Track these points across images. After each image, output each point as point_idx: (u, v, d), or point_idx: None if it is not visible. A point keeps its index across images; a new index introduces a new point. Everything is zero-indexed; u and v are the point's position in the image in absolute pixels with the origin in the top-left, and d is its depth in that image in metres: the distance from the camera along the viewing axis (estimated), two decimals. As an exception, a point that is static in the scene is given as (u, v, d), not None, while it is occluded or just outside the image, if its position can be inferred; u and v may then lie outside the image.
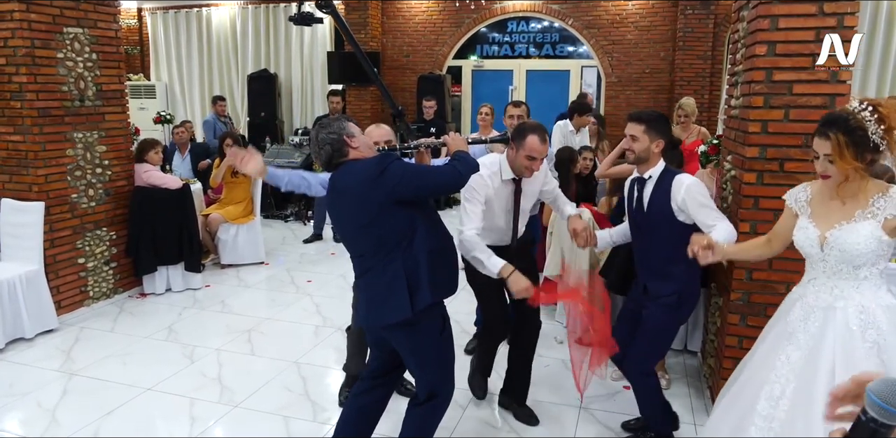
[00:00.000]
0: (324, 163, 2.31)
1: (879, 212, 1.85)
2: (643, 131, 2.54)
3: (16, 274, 3.84)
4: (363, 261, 2.28)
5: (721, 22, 7.74)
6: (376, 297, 2.24)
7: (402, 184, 2.14)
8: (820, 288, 1.94)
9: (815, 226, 1.95)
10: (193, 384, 3.33)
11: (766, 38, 2.65)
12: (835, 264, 1.91)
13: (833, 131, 1.84)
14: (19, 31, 3.93)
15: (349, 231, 2.31)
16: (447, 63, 8.96)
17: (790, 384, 1.87)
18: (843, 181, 1.88)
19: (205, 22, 9.76)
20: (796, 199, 2.06)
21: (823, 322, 1.89)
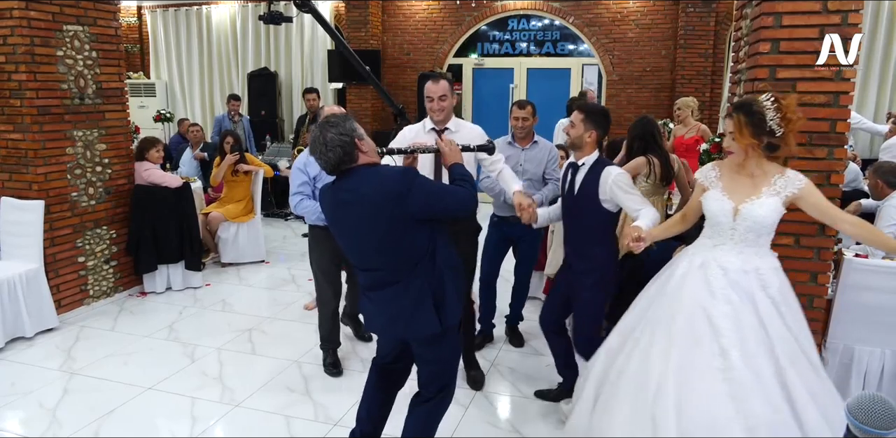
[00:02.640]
0: (330, 167, 2.13)
1: (781, 191, 2.19)
2: (581, 120, 2.77)
3: (16, 272, 3.83)
4: (377, 276, 2.19)
5: (722, 20, 7.72)
6: (402, 312, 2.17)
7: (429, 203, 2.09)
8: (728, 252, 2.24)
9: (729, 199, 2.25)
10: (194, 383, 3.32)
11: (769, 36, 2.63)
12: (743, 232, 2.23)
13: (737, 113, 2.21)
14: (19, 28, 3.91)
15: (361, 245, 2.17)
16: (448, 61, 8.94)
17: (732, 335, 2.11)
18: (743, 157, 2.22)
19: (205, 20, 9.73)
20: (706, 176, 2.37)
21: (738, 284, 2.18)
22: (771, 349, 2.10)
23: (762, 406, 2.03)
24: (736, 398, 2.05)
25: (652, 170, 3.50)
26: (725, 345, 2.11)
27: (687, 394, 2.11)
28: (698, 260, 2.29)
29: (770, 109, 2.17)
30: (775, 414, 2.03)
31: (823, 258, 2.71)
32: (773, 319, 2.13)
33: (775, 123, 2.16)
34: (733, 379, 2.06)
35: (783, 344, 2.11)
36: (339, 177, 2.15)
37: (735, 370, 2.07)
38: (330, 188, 2.20)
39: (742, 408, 2.03)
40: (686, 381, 2.12)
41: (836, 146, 2.63)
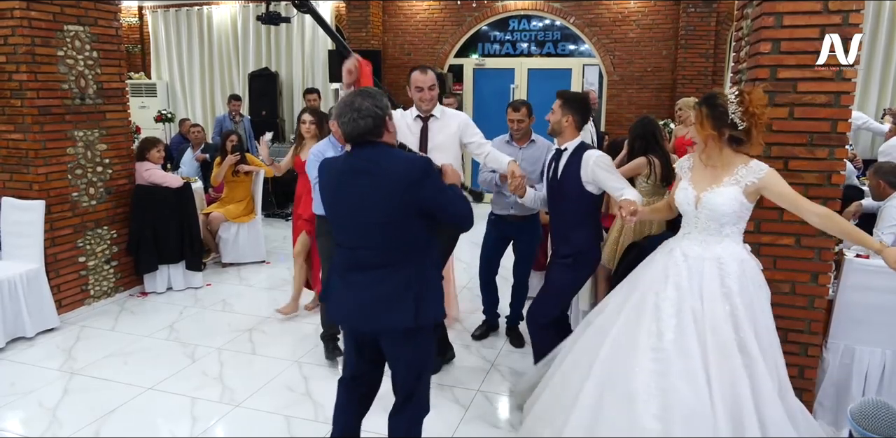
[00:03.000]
0: (355, 135, 2.06)
1: (742, 179, 2.24)
2: (559, 106, 2.90)
3: (16, 272, 3.83)
4: (365, 255, 2.10)
5: (723, 20, 7.71)
6: (381, 299, 2.09)
7: (438, 199, 2.07)
8: (692, 241, 2.33)
9: (693, 188, 2.34)
10: (195, 383, 3.32)
11: (770, 36, 2.63)
12: (705, 221, 2.30)
13: (700, 105, 2.29)
14: (19, 28, 3.92)
15: (362, 217, 2.07)
16: (448, 61, 8.93)
17: (672, 319, 2.20)
18: (704, 147, 2.31)
19: (206, 20, 9.74)
20: (681, 167, 2.47)
21: (694, 270, 2.25)
22: (704, 337, 2.16)
23: (684, 388, 2.09)
24: (661, 376, 2.13)
25: (652, 171, 3.50)
26: (662, 328, 2.20)
27: (615, 368, 2.22)
28: (668, 247, 2.41)
29: (733, 103, 2.22)
30: (696, 399, 2.08)
31: (824, 258, 2.70)
32: (716, 309, 2.18)
33: (737, 116, 2.21)
34: (661, 360, 2.15)
35: (717, 335, 2.15)
36: (358, 147, 2.09)
37: (665, 351, 2.16)
38: (343, 157, 2.14)
39: (664, 387, 2.11)
40: (619, 357, 2.24)
41: (836, 146, 2.62)
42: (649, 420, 2.08)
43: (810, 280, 2.70)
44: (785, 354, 2.74)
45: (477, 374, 3.44)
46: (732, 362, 2.12)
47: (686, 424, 2.06)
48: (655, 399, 2.10)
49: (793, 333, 2.74)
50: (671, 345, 2.16)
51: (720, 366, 2.11)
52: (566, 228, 2.94)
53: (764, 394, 2.11)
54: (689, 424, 2.06)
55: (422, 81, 3.16)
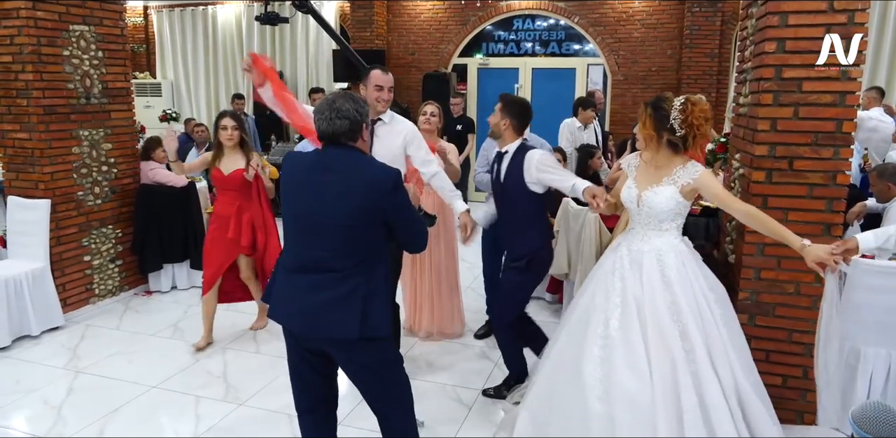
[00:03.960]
0: (327, 133, 2.03)
1: (678, 180, 2.37)
2: (499, 109, 2.93)
3: (22, 271, 3.85)
4: (312, 256, 2.01)
5: (728, 19, 7.69)
6: (325, 306, 1.99)
7: (401, 212, 2.05)
8: (636, 236, 2.47)
9: (636, 187, 2.46)
10: (199, 382, 3.33)
11: (775, 35, 2.62)
12: (646, 218, 2.43)
13: (647, 106, 2.41)
14: (25, 28, 3.94)
15: (320, 216, 1.99)
16: (452, 61, 8.93)
17: (617, 309, 2.35)
18: (645, 146, 2.44)
19: (211, 20, 9.76)
20: (629, 164, 2.57)
21: (636, 262, 2.40)
22: (645, 325, 2.29)
23: (625, 373, 2.23)
24: (606, 362, 2.29)
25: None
26: (608, 316, 2.35)
27: (566, 355, 2.43)
28: (616, 242, 2.57)
29: (676, 109, 2.33)
30: (637, 384, 2.21)
31: (829, 258, 2.69)
32: (657, 298, 2.30)
33: (677, 123, 2.32)
34: (607, 346, 2.31)
35: (658, 323, 2.28)
36: (331, 146, 2.05)
37: (611, 338, 2.31)
38: (312, 154, 2.11)
39: (608, 372, 2.26)
40: (573, 343, 2.43)
41: (842, 146, 2.61)
42: (594, 403, 2.25)
43: (815, 280, 2.69)
44: (789, 355, 2.75)
45: (480, 374, 3.44)
46: (673, 349, 2.24)
47: (628, 407, 2.20)
48: (600, 383, 2.26)
49: (797, 333, 2.73)
50: (616, 333, 2.31)
51: (660, 353, 2.24)
52: (516, 230, 2.97)
53: (704, 380, 2.20)
54: (630, 407, 2.20)
55: (383, 81, 2.94)
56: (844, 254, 2.16)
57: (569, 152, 5.26)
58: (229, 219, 3.66)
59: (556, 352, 2.53)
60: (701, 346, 2.24)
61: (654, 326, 2.27)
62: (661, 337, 2.25)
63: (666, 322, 2.27)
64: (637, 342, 2.26)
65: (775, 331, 2.77)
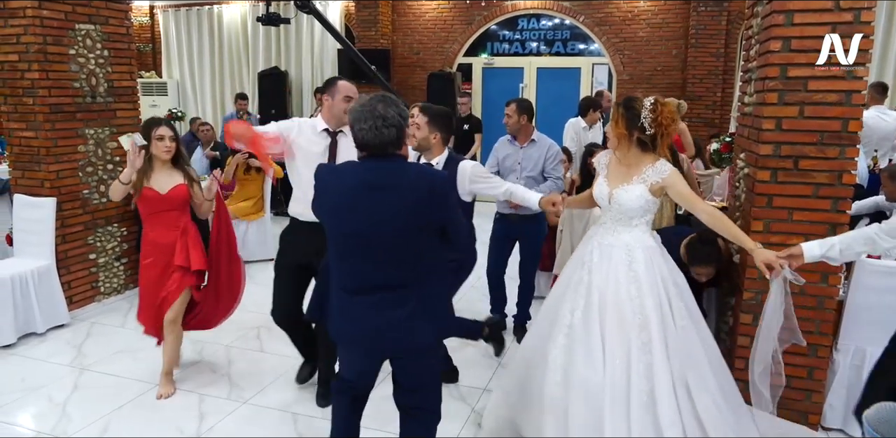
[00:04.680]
0: (373, 144, 1.91)
1: (648, 179, 2.45)
2: (426, 123, 2.84)
3: (28, 269, 3.86)
4: (379, 276, 1.97)
5: (734, 19, 7.67)
6: (402, 320, 1.99)
7: (454, 212, 2.04)
8: (606, 230, 2.56)
9: (608, 185, 2.55)
10: (203, 380, 3.34)
11: (780, 34, 2.61)
12: (616, 214, 2.52)
13: (618, 106, 2.51)
14: (32, 27, 3.95)
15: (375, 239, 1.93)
16: (457, 61, 8.94)
17: (581, 299, 2.46)
18: (617, 145, 2.52)
19: (216, 19, 9.79)
20: (599, 163, 2.68)
21: (605, 255, 2.49)
22: (605, 316, 2.41)
23: (582, 363, 2.37)
24: (568, 350, 2.43)
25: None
26: (573, 307, 2.47)
27: (537, 340, 2.56)
28: (588, 235, 2.67)
29: (647, 109, 2.43)
30: (592, 372, 2.34)
31: (834, 258, 2.68)
32: (620, 291, 2.41)
33: (647, 122, 2.42)
34: (570, 335, 2.44)
35: (619, 314, 2.39)
36: (375, 158, 1.94)
37: (574, 327, 2.44)
38: (352, 168, 1.97)
39: (569, 361, 2.40)
40: (542, 331, 2.56)
41: (847, 145, 2.60)
42: (552, 387, 2.41)
43: (820, 280, 2.68)
44: (794, 355, 2.74)
45: (484, 373, 3.44)
46: (630, 340, 2.35)
47: (582, 395, 2.34)
48: (561, 369, 2.41)
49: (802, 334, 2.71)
50: (578, 322, 2.44)
51: (616, 343, 2.36)
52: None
53: (657, 371, 2.32)
54: (584, 395, 2.34)
55: (353, 91, 2.81)
56: (789, 259, 2.29)
57: (574, 151, 5.25)
58: (172, 245, 3.11)
59: (530, 337, 2.68)
60: (658, 339, 2.34)
61: (614, 317, 2.38)
62: (620, 329, 2.37)
63: (626, 314, 2.37)
64: (595, 333, 2.39)
65: (780, 332, 2.75)
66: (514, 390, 2.67)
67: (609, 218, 2.56)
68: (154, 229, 3.15)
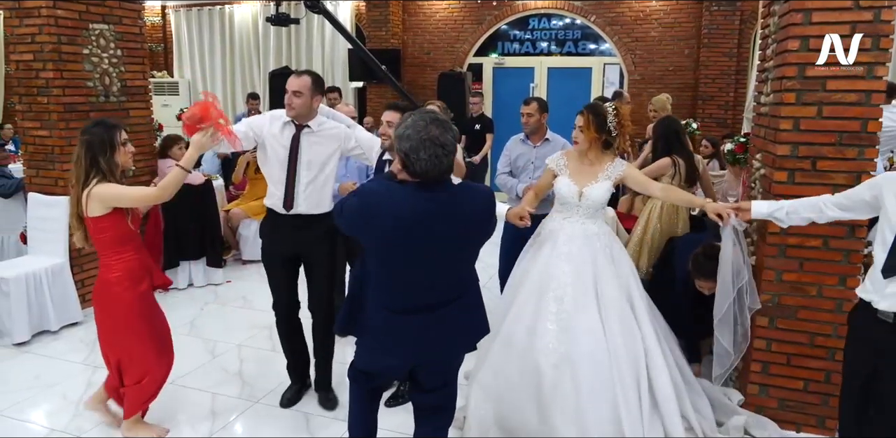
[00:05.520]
0: (434, 174, 1.84)
1: (611, 175, 2.80)
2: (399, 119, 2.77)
3: (42, 267, 3.89)
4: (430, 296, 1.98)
5: (747, 18, 7.60)
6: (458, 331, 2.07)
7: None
8: (574, 224, 2.81)
9: (575, 184, 2.82)
10: (215, 379, 3.34)
11: (798, 33, 2.58)
12: (586, 209, 2.81)
13: (587, 112, 2.81)
14: (46, 27, 3.98)
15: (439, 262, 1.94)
16: (468, 60, 8.91)
17: (568, 287, 2.67)
18: (587, 147, 2.82)
19: (227, 19, 9.82)
20: (557, 164, 2.92)
21: (581, 245, 2.75)
22: (597, 300, 2.65)
23: (583, 340, 2.57)
24: (562, 333, 2.60)
25: (677, 171, 3.46)
26: (559, 295, 2.67)
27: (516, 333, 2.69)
28: (551, 227, 2.87)
29: (610, 114, 2.79)
30: (597, 346, 2.56)
31: (853, 261, 2.65)
32: (606, 273, 2.70)
33: (612, 125, 2.79)
34: (562, 321, 2.62)
35: (610, 291, 2.67)
36: (428, 187, 1.88)
37: (565, 313, 2.63)
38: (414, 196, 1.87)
39: (564, 341, 2.58)
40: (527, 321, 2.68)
41: (867, 146, 2.57)
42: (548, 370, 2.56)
43: (838, 283, 2.65)
44: (810, 358, 2.71)
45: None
46: (622, 311, 2.65)
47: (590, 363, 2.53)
48: (554, 353, 2.57)
49: (819, 337, 2.69)
50: (570, 307, 2.64)
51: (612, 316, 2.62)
52: None
53: (646, 331, 2.66)
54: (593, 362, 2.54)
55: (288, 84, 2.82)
56: (738, 211, 2.54)
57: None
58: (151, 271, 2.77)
59: (506, 331, 2.74)
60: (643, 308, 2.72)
61: (607, 294, 2.67)
62: (611, 304, 2.65)
63: (614, 291, 2.68)
64: (592, 312, 2.63)
65: (797, 335, 2.73)
66: (494, 384, 2.71)
67: (576, 213, 2.82)
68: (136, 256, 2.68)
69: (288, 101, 2.83)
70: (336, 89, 7.06)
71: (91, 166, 2.51)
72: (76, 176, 2.54)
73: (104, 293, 2.66)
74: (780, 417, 2.81)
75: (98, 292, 2.68)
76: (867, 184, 2.21)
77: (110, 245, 2.60)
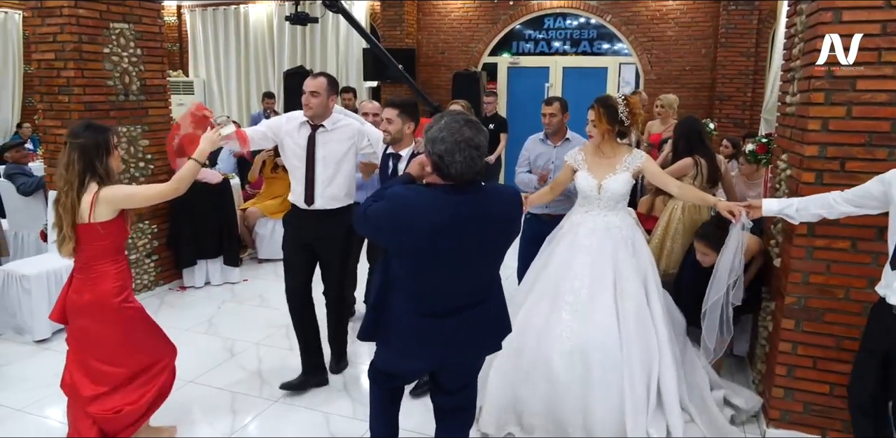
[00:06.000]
0: (468, 176, 1.83)
1: (629, 166, 2.84)
2: (397, 115, 2.95)
3: (62, 264, 3.90)
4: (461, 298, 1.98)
5: (765, 18, 7.53)
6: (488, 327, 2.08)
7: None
8: (596, 216, 2.87)
9: (593, 177, 2.86)
10: (234, 377, 3.35)
11: (827, 32, 2.54)
12: (606, 201, 2.86)
13: (597, 105, 2.85)
14: (68, 26, 4.00)
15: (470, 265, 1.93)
16: (482, 60, 8.90)
17: (585, 278, 2.75)
18: (600, 140, 2.87)
19: (242, 19, 9.86)
20: (575, 160, 2.97)
21: (602, 237, 2.81)
22: (615, 293, 2.72)
23: (595, 331, 2.65)
24: (574, 325, 2.68)
25: (699, 172, 3.43)
26: (577, 286, 2.75)
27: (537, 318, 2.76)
28: (573, 221, 2.93)
29: (621, 105, 2.82)
30: (605, 338, 2.64)
31: (881, 263, 2.59)
32: (627, 268, 2.76)
33: (624, 116, 2.82)
34: (577, 312, 2.70)
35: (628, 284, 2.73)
36: (459, 189, 1.86)
37: (581, 303, 2.72)
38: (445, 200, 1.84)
39: (581, 332, 2.66)
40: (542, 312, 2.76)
41: (897, 147, 2.52)
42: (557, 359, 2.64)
43: (867, 285, 2.60)
44: (838, 362, 2.67)
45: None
46: (639, 304, 2.72)
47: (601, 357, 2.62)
48: (568, 340, 2.65)
49: (846, 340, 2.64)
50: (586, 298, 2.72)
51: (628, 309, 2.69)
52: None
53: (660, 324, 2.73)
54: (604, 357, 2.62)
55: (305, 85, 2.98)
56: (749, 209, 2.59)
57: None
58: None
59: (522, 319, 2.78)
60: (657, 298, 2.78)
61: (625, 287, 2.73)
62: (631, 295, 2.72)
63: (631, 283, 2.74)
64: (608, 302, 2.70)
65: (823, 338, 2.69)
66: (512, 371, 2.77)
67: (596, 205, 2.87)
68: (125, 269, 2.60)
69: (306, 102, 2.97)
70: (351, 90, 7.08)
71: (85, 171, 2.38)
72: (67, 181, 2.37)
73: (100, 307, 2.46)
74: (805, 421, 2.77)
75: (90, 307, 2.45)
76: (877, 179, 2.28)
77: (109, 252, 2.48)
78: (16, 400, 3.09)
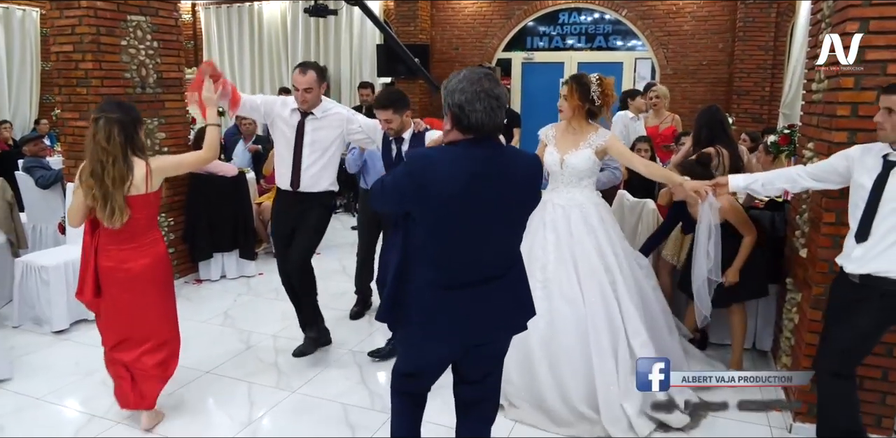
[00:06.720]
0: (489, 128, 1.78)
1: (593, 143, 2.90)
2: (392, 113, 3.07)
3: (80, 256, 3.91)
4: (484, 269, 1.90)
5: (784, 11, 7.44)
6: (511, 306, 1.98)
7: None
8: (560, 194, 2.95)
9: (558, 152, 2.94)
10: (251, 368, 3.34)
11: (858, 15, 2.47)
12: (568, 177, 2.92)
13: (571, 81, 2.91)
14: (86, 18, 4.01)
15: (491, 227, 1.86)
16: (497, 55, 8.86)
17: (550, 255, 2.86)
18: (571, 115, 2.93)
19: (256, 16, 9.89)
20: (546, 134, 3.04)
21: (565, 215, 2.90)
22: (577, 265, 2.82)
23: (564, 306, 2.77)
24: (547, 298, 2.77)
25: (721, 162, 3.38)
26: (545, 262, 2.85)
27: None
28: (544, 198, 2.83)
29: (594, 84, 2.86)
30: (574, 313, 2.75)
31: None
32: (585, 242, 2.85)
33: (596, 95, 2.86)
34: (546, 288, 2.80)
35: (587, 262, 2.82)
36: (477, 144, 1.80)
37: (549, 280, 2.81)
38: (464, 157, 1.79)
39: (550, 308, 2.76)
40: None
41: (929, 134, 2.45)
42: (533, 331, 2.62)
43: None
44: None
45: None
46: (601, 281, 2.80)
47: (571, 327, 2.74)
48: (542, 318, 2.66)
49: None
50: (552, 275, 2.81)
51: (591, 284, 2.79)
52: None
53: (624, 300, 2.80)
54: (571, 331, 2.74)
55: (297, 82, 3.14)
56: (715, 187, 2.66)
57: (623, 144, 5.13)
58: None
59: None
60: (620, 276, 2.83)
61: (584, 265, 2.81)
62: (591, 273, 2.80)
63: (593, 260, 2.82)
64: (572, 280, 2.79)
65: (852, 329, 2.62)
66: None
67: (561, 182, 2.94)
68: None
69: (302, 99, 3.14)
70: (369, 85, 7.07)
71: (126, 142, 2.52)
72: (111, 154, 2.47)
73: (162, 269, 2.70)
74: (832, 415, 2.70)
75: (153, 270, 2.65)
76: (842, 154, 2.36)
77: (155, 218, 2.74)
78: (35, 390, 3.09)
